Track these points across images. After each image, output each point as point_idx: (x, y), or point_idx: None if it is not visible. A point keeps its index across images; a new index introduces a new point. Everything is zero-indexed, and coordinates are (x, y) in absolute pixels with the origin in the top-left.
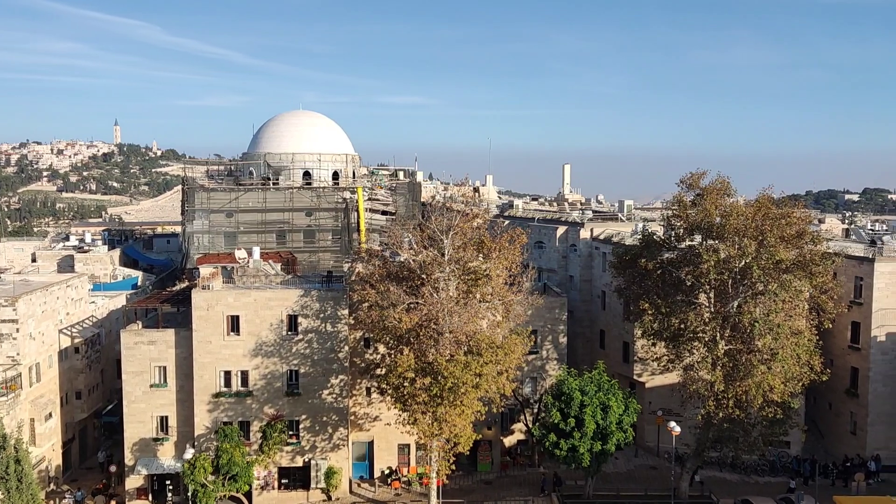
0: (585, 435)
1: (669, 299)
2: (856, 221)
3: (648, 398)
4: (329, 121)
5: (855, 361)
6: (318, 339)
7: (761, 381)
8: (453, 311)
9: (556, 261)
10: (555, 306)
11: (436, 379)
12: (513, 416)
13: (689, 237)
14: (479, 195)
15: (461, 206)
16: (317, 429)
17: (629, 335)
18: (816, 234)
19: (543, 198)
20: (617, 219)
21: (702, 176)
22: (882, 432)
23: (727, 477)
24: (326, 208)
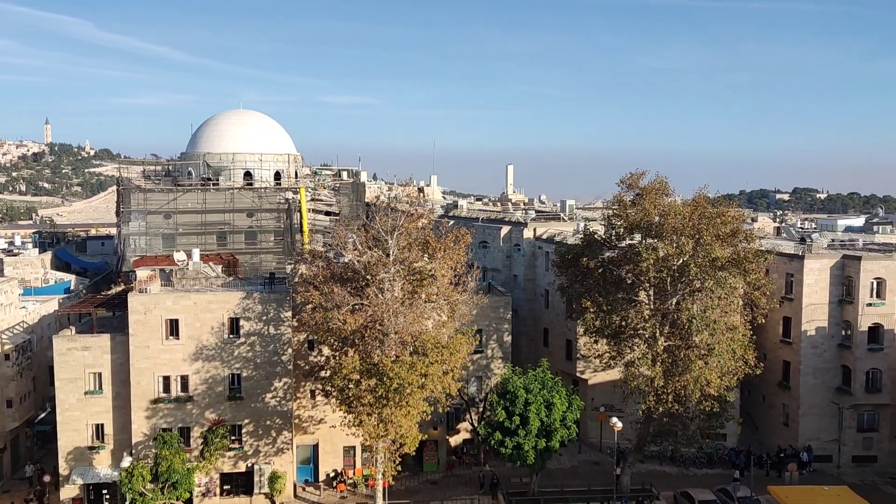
0: (530, 432)
1: (611, 297)
2: (786, 220)
3: (591, 395)
4: (270, 120)
5: (787, 355)
6: (261, 341)
7: (699, 376)
8: (398, 311)
9: (500, 260)
10: (499, 305)
11: (381, 380)
12: (458, 416)
13: (629, 236)
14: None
15: (406, 206)
16: (260, 433)
17: (572, 333)
18: (750, 233)
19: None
20: (559, 218)
21: (641, 176)
22: (813, 423)
23: (667, 470)
24: (268, 209)
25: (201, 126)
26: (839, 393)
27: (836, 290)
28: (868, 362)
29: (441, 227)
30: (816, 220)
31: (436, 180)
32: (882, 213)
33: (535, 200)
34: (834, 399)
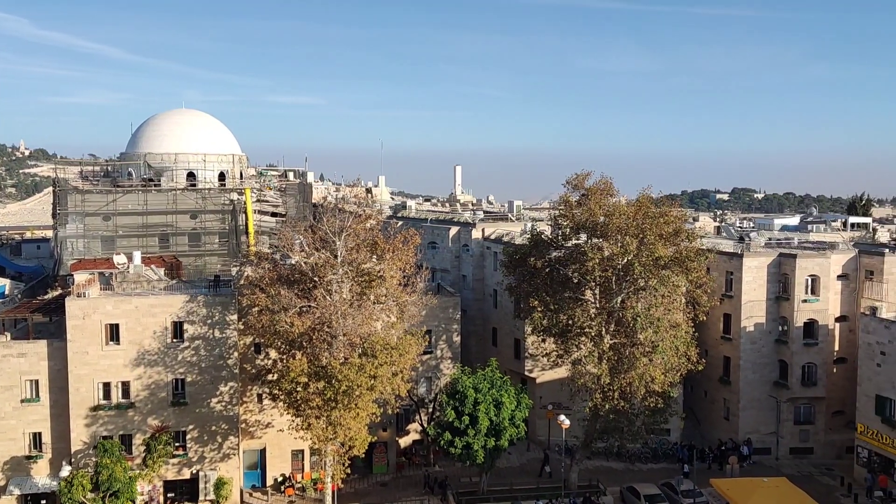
0: (479, 432)
1: (558, 296)
2: (726, 219)
3: (539, 393)
4: (214, 120)
5: (727, 351)
6: (206, 345)
7: (644, 373)
8: (347, 313)
9: (449, 261)
10: (448, 306)
11: (330, 382)
12: (408, 417)
13: (575, 236)
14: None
15: (354, 207)
16: (205, 439)
17: (520, 332)
18: (691, 232)
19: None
20: (507, 219)
21: (586, 177)
22: (752, 417)
23: (613, 466)
24: (213, 210)
25: (142, 126)
26: (777, 387)
27: (773, 288)
28: (804, 357)
29: (390, 228)
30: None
31: (384, 181)
32: (816, 212)
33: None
34: (772, 393)
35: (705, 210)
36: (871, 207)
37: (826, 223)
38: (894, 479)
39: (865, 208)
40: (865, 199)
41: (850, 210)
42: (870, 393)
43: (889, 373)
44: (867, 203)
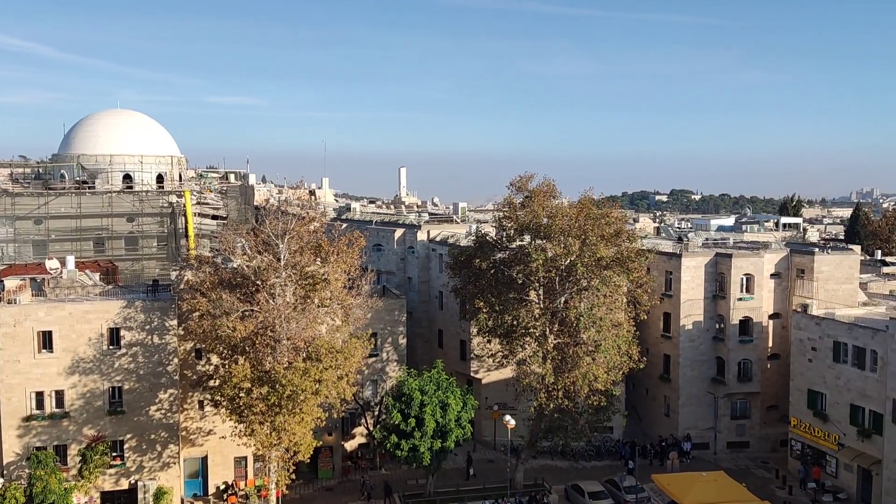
0: (426, 434)
1: (502, 297)
2: (665, 220)
3: (485, 394)
4: (151, 120)
5: (667, 349)
6: (144, 352)
7: (587, 372)
8: (291, 317)
9: (394, 263)
10: (394, 308)
11: (273, 387)
12: (354, 421)
13: (519, 237)
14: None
15: (297, 209)
16: (144, 448)
17: (466, 333)
18: (632, 233)
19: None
20: (452, 221)
21: (530, 179)
22: (691, 413)
23: (558, 464)
24: (150, 213)
25: (75, 126)
26: (714, 383)
27: (710, 287)
28: (740, 353)
29: (334, 231)
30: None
31: (328, 183)
32: (750, 213)
33: (429, 203)
34: (710, 389)
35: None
36: (802, 208)
37: (759, 223)
38: (826, 470)
39: (796, 209)
40: (796, 201)
41: (782, 211)
42: (802, 387)
43: (819, 368)
44: (798, 204)
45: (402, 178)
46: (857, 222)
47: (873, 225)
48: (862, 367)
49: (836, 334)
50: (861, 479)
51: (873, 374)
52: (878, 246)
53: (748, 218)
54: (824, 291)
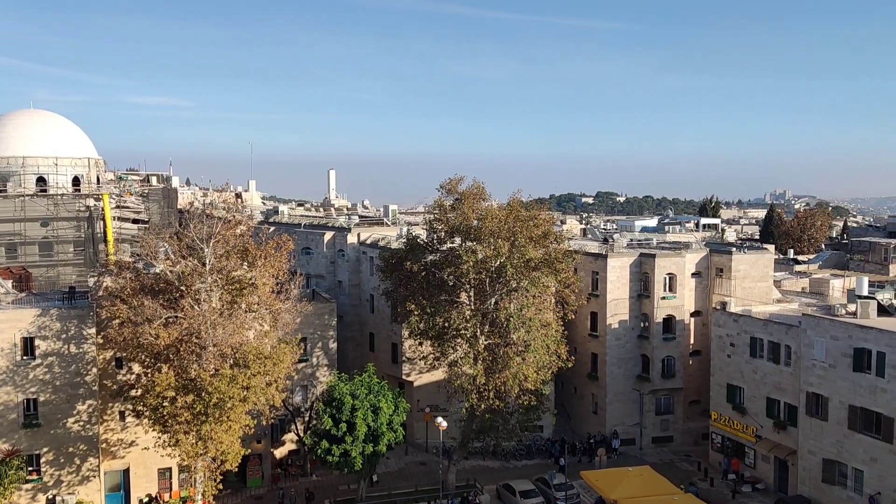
0: (357, 438)
1: (434, 299)
2: (591, 222)
3: (417, 396)
4: (66, 121)
5: (594, 348)
6: (61, 362)
7: (517, 372)
8: (217, 323)
9: (324, 266)
10: (324, 312)
11: (199, 396)
12: (284, 427)
13: (449, 240)
14: (241, 201)
15: (223, 212)
16: (62, 461)
17: (397, 336)
18: (559, 234)
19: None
20: (383, 223)
21: (459, 181)
22: (618, 410)
23: (490, 464)
24: (66, 217)
25: None
26: (640, 380)
27: (635, 286)
28: (663, 351)
29: (261, 234)
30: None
31: (254, 185)
32: (672, 214)
33: (359, 205)
34: (635, 386)
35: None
36: (720, 209)
37: (681, 224)
38: (745, 462)
39: (715, 210)
40: (715, 202)
41: (702, 212)
42: (721, 382)
43: (738, 363)
44: (716, 206)
45: (331, 180)
46: (771, 223)
47: (786, 225)
48: (777, 362)
49: (752, 330)
50: (778, 470)
51: (787, 368)
52: (791, 245)
53: (670, 219)
54: (741, 289)
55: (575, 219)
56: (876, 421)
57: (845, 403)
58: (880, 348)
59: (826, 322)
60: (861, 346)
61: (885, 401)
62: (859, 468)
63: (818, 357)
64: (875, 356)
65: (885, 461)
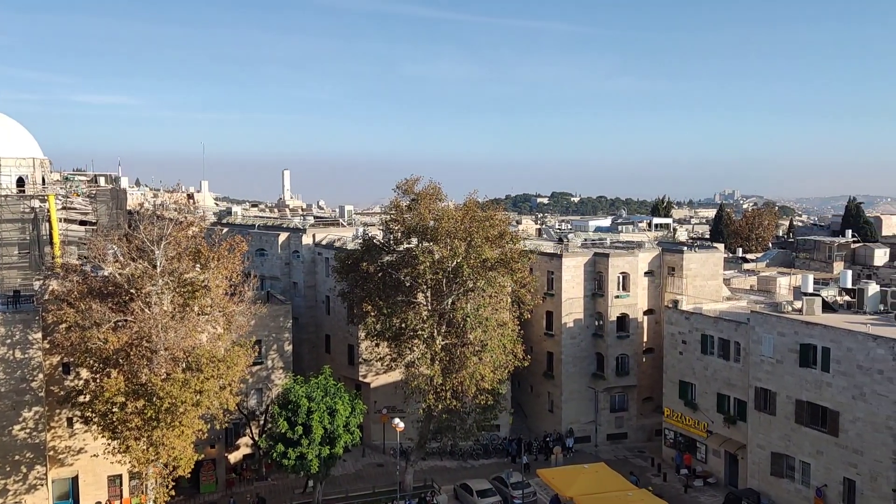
0: (313, 441)
1: (390, 300)
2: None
3: (374, 398)
4: (9, 119)
5: (550, 346)
6: (5, 368)
7: (474, 372)
8: (168, 326)
9: (279, 268)
10: (279, 314)
11: (150, 401)
12: (238, 431)
13: (406, 240)
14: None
15: (174, 213)
16: (8, 470)
17: (354, 338)
18: (515, 234)
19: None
20: (339, 224)
21: (416, 182)
22: (574, 408)
23: (447, 464)
24: (10, 219)
25: None
26: (595, 378)
27: (589, 285)
28: (617, 349)
29: (214, 236)
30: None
31: (207, 186)
32: (625, 214)
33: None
34: (590, 384)
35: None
36: (672, 209)
37: (634, 224)
38: (697, 457)
39: (667, 210)
40: (666, 202)
41: (654, 212)
42: (674, 379)
43: (689, 360)
44: (668, 205)
45: (285, 180)
46: (720, 222)
47: (735, 224)
48: (727, 358)
49: (703, 328)
50: (728, 463)
51: (737, 364)
52: (739, 244)
53: (623, 219)
54: (693, 287)
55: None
56: (822, 415)
57: (792, 398)
58: (825, 344)
59: (773, 319)
60: (807, 341)
61: (830, 395)
62: (806, 461)
63: (766, 353)
64: (820, 352)
65: (831, 454)
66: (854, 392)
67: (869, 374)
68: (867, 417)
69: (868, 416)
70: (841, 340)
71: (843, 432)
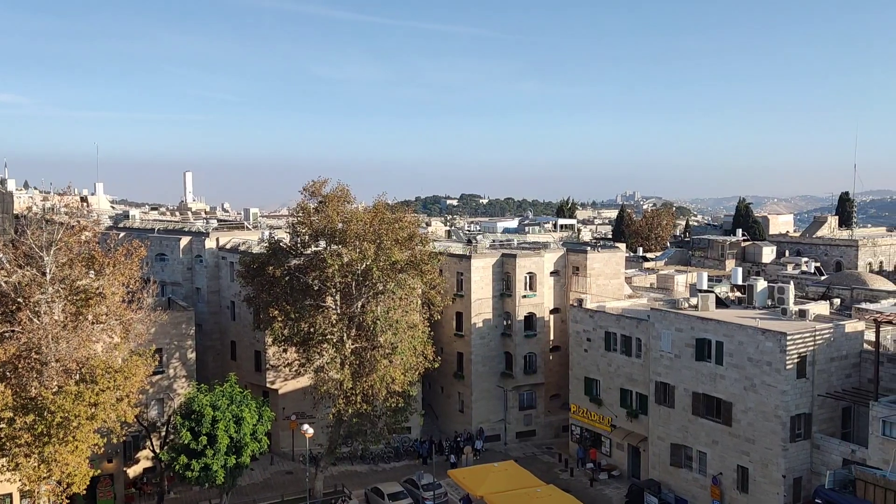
0: (219, 451)
1: (298, 304)
2: (455, 224)
3: (282, 404)
4: None
5: (460, 347)
6: None
7: (385, 375)
8: (60, 336)
9: (180, 273)
10: (181, 321)
11: (41, 415)
12: (138, 444)
13: (314, 243)
14: (87, 205)
15: (65, 217)
16: None
17: (261, 344)
18: (425, 236)
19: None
20: (244, 227)
21: (323, 184)
22: (484, 407)
23: (358, 469)
24: None
25: None
26: (503, 377)
27: (498, 286)
28: (525, 347)
29: (110, 240)
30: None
31: (102, 188)
32: (531, 215)
33: (219, 209)
34: (499, 383)
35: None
36: (576, 210)
37: (540, 225)
38: (602, 451)
39: (571, 211)
40: (571, 203)
41: (559, 213)
42: (579, 376)
43: (594, 356)
44: (572, 207)
45: (188, 183)
46: (622, 222)
47: (635, 224)
48: (629, 354)
49: (606, 325)
50: (631, 456)
51: (638, 360)
52: (640, 243)
53: (530, 220)
54: (596, 286)
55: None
56: (716, 406)
57: (689, 391)
58: (718, 338)
59: (671, 315)
60: (702, 336)
61: (724, 387)
62: (703, 450)
63: (665, 348)
64: (714, 345)
65: (725, 443)
66: (745, 383)
67: (759, 365)
68: (758, 407)
69: (759, 406)
70: (733, 334)
71: (736, 422)
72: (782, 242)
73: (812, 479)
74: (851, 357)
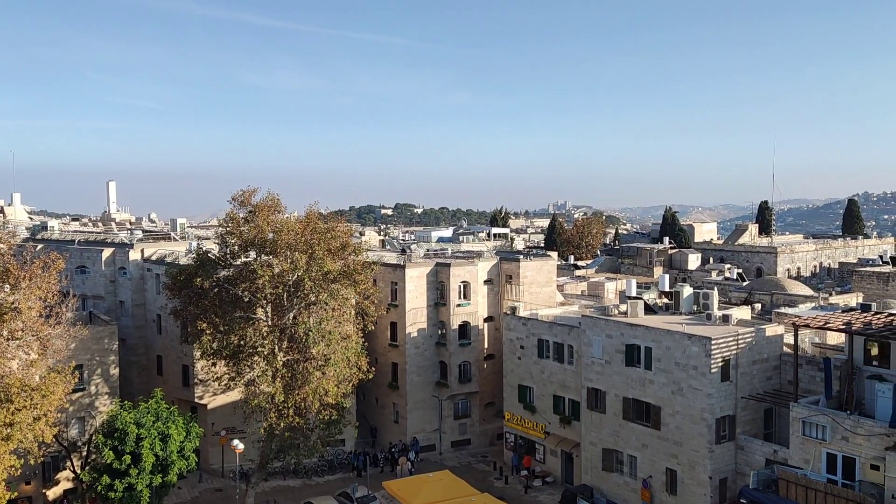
0: (143, 470)
1: (228, 317)
2: (390, 233)
3: (211, 419)
4: None
5: (394, 357)
6: None
7: (317, 387)
8: None
9: (102, 286)
10: (103, 336)
11: None
12: (57, 465)
13: (244, 254)
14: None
15: None
16: None
17: (188, 358)
18: (358, 246)
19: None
20: (170, 238)
21: (253, 193)
22: (419, 417)
23: (291, 483)
24: None
25: None
26: (438, 386)
27: (432, 295)
28: (460, 356)
29: (26, 253)
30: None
31: (19, 199)
32: (466, 224)
33: (144, 219)
34: (434, 393)
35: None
36: (509, 219)
37: (474, 234)
38: (536, 457)
39: (504, 220)
40: (504, 213)
41: (493, 222)
42: (513, 383)
43: (527, 364)
44: (506, 216)
45: (111, 192)
46: (553, 231)
47: (567, 233)
48: (561, 361)
49: (539, 332)
50: (564, 462)
51: (571, 367)
52: (571, 251)
53: (464, 229)
54: (529, 294)
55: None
56: (646, 410)
57: (620, 396)
58: (647, 344)
59: (602, 322)
60: (631, 342)
61: (653, 391)
62: (633, 454)
63: (596, 354)
64: (643, 351)
65: (655, 446)
66: (673, 388)
67: (685, 370)
68: (685, 411)
69: (686, 410)
70: (661, 340)
71: (665, 426)
72: (707, 250)
73: (737, 479)
74: (772, 360)
